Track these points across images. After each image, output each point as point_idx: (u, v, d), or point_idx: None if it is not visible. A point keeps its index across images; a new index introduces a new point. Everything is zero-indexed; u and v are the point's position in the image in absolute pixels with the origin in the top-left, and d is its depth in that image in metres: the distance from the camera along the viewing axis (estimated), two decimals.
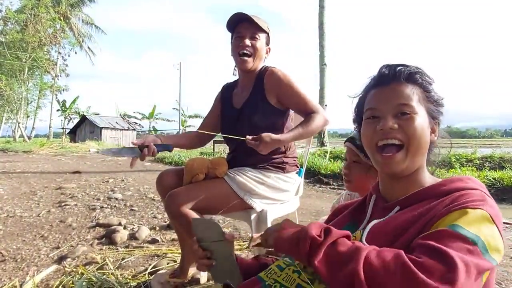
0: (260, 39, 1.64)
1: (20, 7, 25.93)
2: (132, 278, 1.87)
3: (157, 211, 3.57)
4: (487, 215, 0.66)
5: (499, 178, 4.55)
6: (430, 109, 0.83)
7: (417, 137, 0.79)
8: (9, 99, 27.19)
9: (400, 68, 0.84)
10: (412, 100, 0.81)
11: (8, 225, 3.04)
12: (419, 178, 0.83)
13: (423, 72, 0.84)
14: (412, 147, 0.79)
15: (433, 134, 0.84)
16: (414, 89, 0.82)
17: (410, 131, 0.79)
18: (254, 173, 1.56)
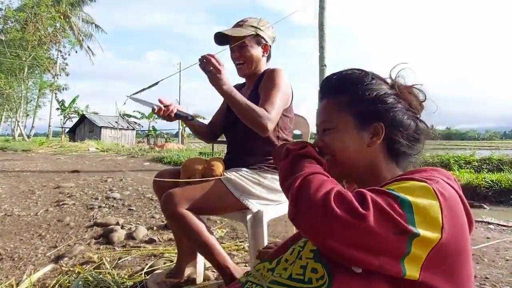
0: (248, 45, 1.64)
1: (20, 6, 25.93)
2: (129, 277, 1.87)
3: (155, 211, 3.57)
4: (430, 189, 0.63)
5: (497, 180, 4.56)
6: (362, 113, 0.81)
7: (338, 150, 0.81)
8: (8, 98, 27.21)
9: (325, 82, 0.87)
10: (331, 114, 0.83)
11: (6, 224, 3.04)
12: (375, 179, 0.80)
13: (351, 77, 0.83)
14: (337, 159, 0.82)
15: (374, 137, 0.80)
16: (338, 99, 0.83)
17: (330, 146, 0.82)
18: (251, 173, 1.56)
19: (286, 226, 2.70)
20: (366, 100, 0.80)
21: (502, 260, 2.20)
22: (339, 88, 0.83)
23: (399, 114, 0.80)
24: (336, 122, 0.82)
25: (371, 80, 0.81)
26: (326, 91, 0.86)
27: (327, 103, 0.85)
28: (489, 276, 1.95)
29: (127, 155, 12.90)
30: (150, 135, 33.83)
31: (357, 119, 0.80)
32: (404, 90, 0.83)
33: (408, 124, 0.81)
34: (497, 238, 2.70)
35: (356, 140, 0.80)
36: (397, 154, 0.83)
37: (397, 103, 0.81)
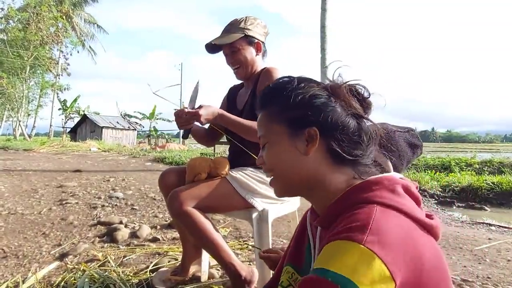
0: (240, 48, 1.66)
1: (22, 5, 26.00)
2: (134, 275, 1.89)
3: (157, 210, 3.59)
4: (364, 249, 0.56)
5: (498, 182, 4.58)
6: (293, 120, 0.75)
7: (274, 165, 0.78)
8: (10, 97, 27.24)
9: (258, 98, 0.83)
10: (265, 127, 0.79)
11: (10, 222, 3.06)
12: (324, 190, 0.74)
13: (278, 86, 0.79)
14: (276, 174, 0.78)
15: (310, 144, 0.73)
16: (268, 111, 0.80)
17: (267, 162, 0.79)
18: (256, 172, 1.58)
19: (289, 226, 2.72)
20: (293, 105, 0.74)
21: (503, 261, 2.22)
22: (268, 100, 0.80)
23: (333, 114, 0.73)
24: (268, 136, 0.78)
25: (297, 85, 0.77)
26: (259, 105, 0.82)
27: (260, 117, 0.81)
28: (491, 276, 1.96)
29: (129, 155, 12.92)
30: (151, 135, 33.86)
31: (288, 127, 0.75)
32: (337, 89, 0.76)
33: (346, 123, 0.73)
34: (499, 239, 2.72)
35: (291, 150, 0.75)
36: (342, 158, 0.74)
37: (330, 103, 0.74)
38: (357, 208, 0.64)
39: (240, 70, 1.70)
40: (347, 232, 0.58)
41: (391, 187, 0.68)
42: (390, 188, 0.68)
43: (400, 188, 0.68)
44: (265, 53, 1.77)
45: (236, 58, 1.67)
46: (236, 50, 1.65)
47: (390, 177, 0.71)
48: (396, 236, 0.58)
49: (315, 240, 0.79)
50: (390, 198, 0.65)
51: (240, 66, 1.68)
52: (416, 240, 0.60)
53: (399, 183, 0.69)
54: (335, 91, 0.76)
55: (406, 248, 0.58)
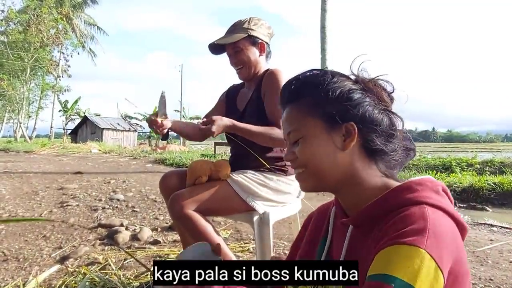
0: (243, 48, 1.64)
1: (23, 8, 26.03)
2: (135, 278, 1.88)
3: (158, 212, 3.58)
4: (423, 253, 0.57)
5: (499, 182, 4.56)
6: (329, 114, 0.73)
7: (310, 161, 0.74)
8: (11, 99, 27.28)
9: (284, 89, 0.80)
10: (297, 121, 0.76)
11: (10, 224, 3.05)
12: (359, 187, 0.74)
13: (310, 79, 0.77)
14: (311, 170, 0.75)
15: (347, 139, 0.73)
16: (301, 105, 0.76)
17: (301, 158, 0.75)
18: (257, 175, 1.58)
19: (290, 228, 2.71)
20: (331, 99, 0.73)
21: (506, 262, 2.21)
22: (299, 93, 0.77)
23: (368, 109, 0.73)
24: (303, 130, 0.74)
25: (331, 78, 0.75)
26: (286, 99, 0.79)
27: (290, 111, 0.78)
28: (493, 278, 1.95)
29: (130, 156, 12.92)
30: (151, 136, 33.85)
31: (325, 122, 0.73)
32: (369, 83, 0.76)
33: (380, 119, 0.73)
34: (501, 240, 2.70)
35: (329, 145, 0.73)
36: (374, 154, 0.74)
37: (365, 98, 0.74)
38: (405, 208, 0.64)
39: (243, 70, 1.68)
40: (407, 236, 0.58)
41: (435, 188, 0.68)
42: (434, 189, 0.68)
43: (441, 190, 0.69)
44: (269, 54, 1.76)
45: (240, 58, 1.66)
46: (239, 50, 1.64)
47: (431, 179, 0.71)
48: (447, 239, 0.60)
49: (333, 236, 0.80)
50: (436, 198, 0.66)
51: (243, 66, 1.67)
52: (458, 242, 0.62)
53: (440, 185, 0.70)
54: (367, 86, 0.75)
55: (452, 250, 0.60)
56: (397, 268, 0.56)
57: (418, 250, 0.57)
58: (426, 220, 0.60)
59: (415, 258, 0.56)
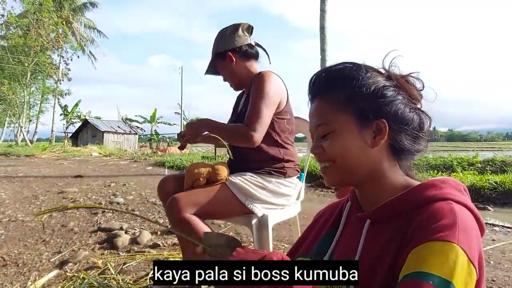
0: (219, 67, 1.74)
1: (22, 12, 26.09)
2: (134, 283, 1.87)
3: (158, 215, 3.57)
4: (457, 248, 0.57)
5: (501, 181, 4.54)
6: (362, 110, 0.72)
7: (340, 156, 0.73)
8: (11, 103, 27.31)
9: (315, 80, 0.77)
10: (327, 115, 0.74)
11: (10, 229, 3.05)
12: (382, 183, 0.74)
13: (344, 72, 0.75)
14: (339, 165, 0.74)
15: (378, 136, 0.72)
16: (332, 98, 0.74)
17: (331, 152, 0.73)
18: (255, 178, 1.56)
19: (291, 230, 2.69)
20: (364, 95, 0.71)
21: (508, 263, 2.19)
22: (331, 85, 0.75)
23: (400, 107, 0.72)
24: (334, 124, 0.73)
25: (366, 73, 0.73)
26: (317, 91, 0.77)
27: (320, 104, 0.76)
28: (496, 279, 1.94)
29: (130, 159, 12.91)
30: (152, 139, 33.88)
31: (356, 117, 0.72)
32: (401, 80, 0.74)
33: (411, 118, 0.73)
34: (503, 240, 2.69)
35: (359, 141, 0.72)
36: (401, 153, 0.74)
37: (397, 96, 0.73)
38: (432, 204, 0.64)
39: (230, 84, 1.78)
40: (439, 232, 0.59)
41: (458, 187, 0.69)
42: (457, 187, 0.69)
43: (463, 189, 0.70)
44: (249, 56, 1.72)
45: (224, 75, 1.76)
46: (220, 69, 1.74)
47: (453, 178, 0.72)
48: (473, 235, 0.61)
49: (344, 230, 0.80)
50: (460, 196, 0.67)
51: (229, 81, 1.76)
52: (480, 239, 0.63)
53: (462, 184, 0.71)
54: (399, 82, 0.74)
55: (477, 246, 0.60)
56: (433, 265, 0.56)
57: (452, 245, 0.57)
58: (455, 215, 0.61)
59: (450, 254, 0.57)
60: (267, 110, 1.54)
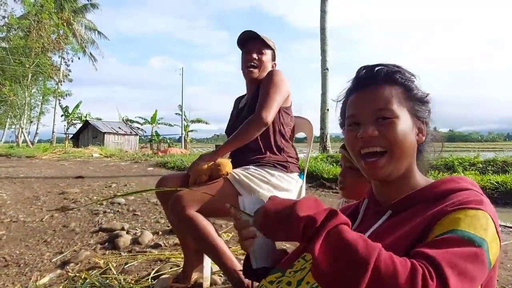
0: (266, 54, 1.81)
1: (23, 13, 26.13)
2: (135, 283, 1.87)
3: (159, 215, 3.57)
4: (487, 215, 0.64)
5: (502, 181, 4.54)
6: (413, 109, 0.80)
7: (399, 142, 0.75)
8: (12, 105, 27.34)
9: (378, 69, 0.80)
10: (391, 102, 0.77)
11: (12, 230, 3.05)
12: (410, 181, 0.80)
13: (403, 70, 0.81)
14: (395, 153, 0.76)
15: (420, 134, 0.81)
16: (394, 90, 0.78)
17: (391, 136, 0.75)
18: (259, 171, 1.58)
19: None
20: (420, 98, 0.81)
21: (510, 262, 2.18)
22: (395, 78, 0.79)
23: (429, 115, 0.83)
24: (398, 112, 0.76)
25: (413, 77, 0.82)
26: (382, 77, 0.79)
27: (383, 90, 0.78)
28: (498, 278, 1.93)
29: (131, 160, 12.91)
30: (153, 140, 33.91)
31: (412, 114, 0.79)
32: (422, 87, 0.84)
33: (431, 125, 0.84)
34: (505, 240, 2.68)
35: (413, 134, 0.79)
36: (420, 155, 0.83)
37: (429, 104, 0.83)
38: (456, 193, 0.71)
39: (255, 70, 1.80)
40: (471, 204, 0.66)
41: (473, 183, 0.76)
42: (473, 184, 0.76)
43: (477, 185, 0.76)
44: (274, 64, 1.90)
45: (260, 58, 1.79)
46: (263, 53, 1.80)
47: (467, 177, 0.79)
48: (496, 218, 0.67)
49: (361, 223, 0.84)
50: (478, 189, 0.74)
51: (258, 66, 1.79)
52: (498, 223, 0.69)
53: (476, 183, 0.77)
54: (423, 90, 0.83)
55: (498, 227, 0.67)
56: (468, 225, 0.62)
57: (483, 212, 0.64)
58: (480, 196, 0.69)
59: (482, 218, 0.64)
60: (277, 97, 1.63)
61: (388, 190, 0.80)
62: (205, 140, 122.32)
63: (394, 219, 0.74)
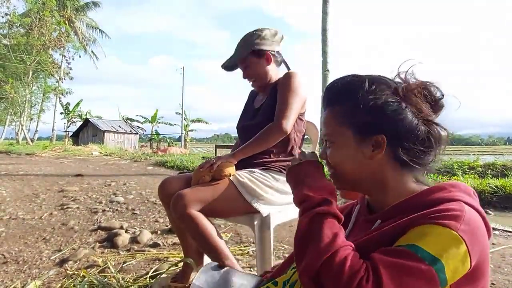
0: (251, 64, 1.73)
1: (25, 11, 26.14)
2: (134, 281, 1.87)
3: (158, 215, 3.57)
4: (456, 235, 0.61)
5: (502, 185, 4.53)
6: (360, 124, 0.75)
7: (338, 165, 0.79)
8: (13, 102, 27.33)
9: (324, 92, 0.82)
10: (331, 127, 0.79)
11: (11, 227, 3.05)
12: (395, 190, 0.76)
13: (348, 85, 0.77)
14: (339, 173, 0.80)
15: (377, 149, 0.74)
16: (336, 111, 0.78)
17: (331, 160, 0.80)
18: (264, 175, 1.57)
19: (291, 231, 2.70)
20: (364, 111, 0.74)
21: (508, 266, 2.19)
22: (337, 98, 0.79)
23: (403, 122, 0.73)
24: (334, 137, 0.78)
25: (369, 87, 0.75)
26: (326, 101, 0.82)
27: (327, 115, 0.80)
28: (495, 283, 1.93)
29: (130, 159, 12.92)
30: (153, 139, 33.91)
31: (355, 132, 0.76)
32: (409, 93, 0.74)
33: (416, 132, 0.73)
34: (503, 244, 2.68)
35: (356, 154, 0.76)
36: (406, 164, 0.75)
37: (401, 110, 0.73)
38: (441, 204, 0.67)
39: (255, 82, 1.78)
40: (443, 219, 0.62)
41: (467, 191, 0.73)
42: (467, 192, 0.72)
43: (473, 193, 0.74)
44: (281, 63, 1.81)
45: (249, 73, 1.75)
46: (247, 66, 1.73)
47: (463, 183, 0.75)
48: (478, 234, 0.64)
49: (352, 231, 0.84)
50: (470, 199, 0.70)
51: (255, 79, 1.76)
52: (485, 242, 0.66)
53: (471, 189, 0.75)
54: (407, 96, 0.74)
55: (480, 246, 0.63)
56: (426, 242, 0.60)
57: (451, 232, 0.61)
58: (463, 211, 0.64)
59: (447, 238, 0.60)
60: (296, 104, 1.61)
61: (371, 199, 0.82)
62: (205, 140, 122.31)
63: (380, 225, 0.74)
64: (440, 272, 0.58)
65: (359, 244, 0.69)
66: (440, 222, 0.62)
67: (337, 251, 0.62)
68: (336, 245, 0.63)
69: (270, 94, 1.73)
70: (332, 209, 0.71)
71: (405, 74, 0.78)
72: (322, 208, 0.70)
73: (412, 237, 0.62)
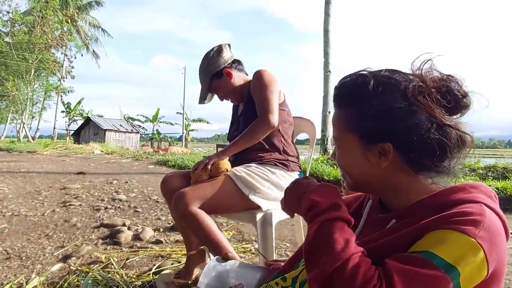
0: (218, 87, 1.81)
1: (28, 9, 26.18)
2: (137, 277, 1.88)
3: (160, 213, 3.59)
4: (474, 242, 0.58)
5: (502, 187, 4.54)
6: (365, 132, 0.71)
7: (346, 169, 0.78)
8: (14, 100, 27.37)
9: (334, 92, 0.77)
10: (337, 131, 0.76)
11: (13, 223, 3.07)
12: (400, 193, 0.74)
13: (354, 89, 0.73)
14: (347, 174, 0.79)
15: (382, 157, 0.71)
16: (343, 113, 0.75)
17: (340, 163, 0.79)
18: (260, 168, 1.60)
19: (293, 230, 2.71)
20: (368, 117, 0.69)
21: (510, 267, 2.19)
22: (342, 101, 0.76)
23: (412, 129, 0.67)
24: (341, 141, 0.76)
25: (375, 90, 0.69)
26: (333, 101, 0.78)
27: (334, 116, 0.78)
28: None
29: (132, 158, 12.94)
30: (154, 138, 33.93)
31: (361, 139, 0.72)
32: (420, 95, 0.67)
33: (426, 137, 0.67)
34: None
35: (362, 160, 0.73)
36: (419, 168, 0.71)
37: (410, 116, 0.67)
38: (462, 205, 0.64)
39: (232, 99, 1.86)
40: (462, 225, 0.60)
41: (488, 193, 0.69)
42: (487, 193, 0.69)
43: (493, 196, 0.70)
44: (239, 65, 1.85)
45: (222, 95, 1.84)
46: (217, 90, 1.81)
47: (484, 184, 0.71)
48: (498, 239, 0.61)
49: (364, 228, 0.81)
50: (490, 202, 0.67)
51: (230, 97, 1.84)
52: (504, 247, 0.63)
53: (492, 191, 0.71)
54: (417, 98, 0.67)
55: (499, 252, 0.61)
56: (442, 248, 0.58)
57: (469, 239, 0.58)
58: (483, 216, 0.61)
59: (465, 245, 0.58)
60: (273, 96, 1.64)
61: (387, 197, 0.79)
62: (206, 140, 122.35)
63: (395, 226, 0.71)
64: (455, 280, 0.57)
65: (373, 247, 0.67)
66: (458, 227, 0.59)
67: (350, 258, 0.60)
68: (348, 252, 0.61)
69: (247, 99, 1.77)
70: (342, 214, 0.68)
71: (421, 71, 0.71)
72: (331, 214, 0.67)
73: (429, 243, 0.60)
